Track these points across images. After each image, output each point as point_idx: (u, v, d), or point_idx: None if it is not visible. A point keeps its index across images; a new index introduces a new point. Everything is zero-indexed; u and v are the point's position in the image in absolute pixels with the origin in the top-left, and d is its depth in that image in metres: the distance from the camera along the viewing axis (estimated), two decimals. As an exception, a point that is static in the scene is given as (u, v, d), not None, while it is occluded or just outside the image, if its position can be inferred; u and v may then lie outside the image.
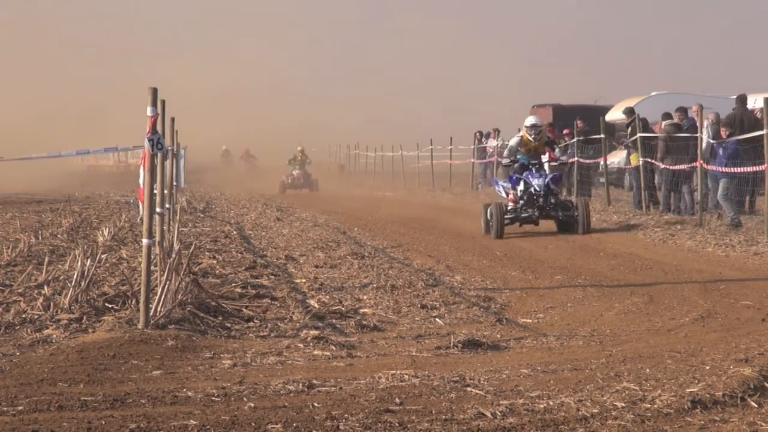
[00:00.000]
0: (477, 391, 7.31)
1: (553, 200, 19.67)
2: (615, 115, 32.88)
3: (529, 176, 19.74)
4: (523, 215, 19.68)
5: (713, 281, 13.14)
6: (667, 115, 23.65)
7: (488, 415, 6.69)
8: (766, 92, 23.13)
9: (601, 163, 27.54)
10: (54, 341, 9.19)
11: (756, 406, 6.95)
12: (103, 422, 6.53)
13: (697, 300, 11.75)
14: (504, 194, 20.35)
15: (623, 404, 6.89)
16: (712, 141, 20.61)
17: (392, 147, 52.01)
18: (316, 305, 11.17)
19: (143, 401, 7.08)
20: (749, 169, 18.81)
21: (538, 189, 19.57)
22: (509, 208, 19.68)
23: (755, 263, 14.87)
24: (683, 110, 23.18)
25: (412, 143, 48.25)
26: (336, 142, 66.02)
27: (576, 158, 28.52)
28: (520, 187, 19.78)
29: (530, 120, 20.43)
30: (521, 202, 19.63)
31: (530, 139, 20.11)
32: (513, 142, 20.50)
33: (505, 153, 20.57)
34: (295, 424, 6.53)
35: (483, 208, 20.28)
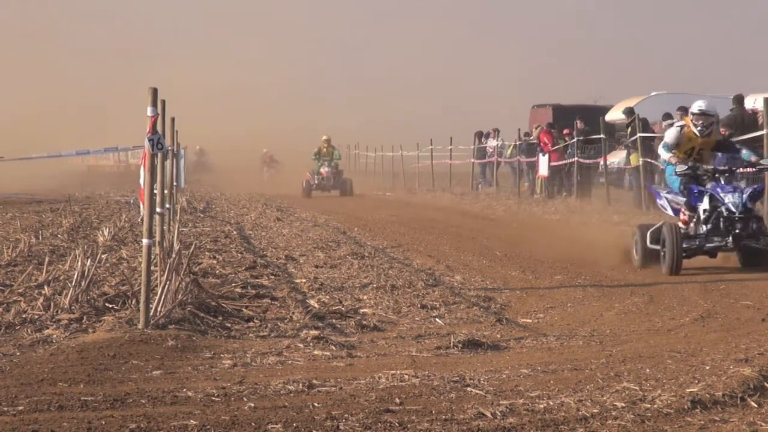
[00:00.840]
0: (477, 391, 7.31)
1: (754, 225, 13.98)
2: (615, 115, 32.89)
3: (718, 189, 14.10)
4: (708, 245, 14.03)
5: (713, 281, 13.14)
6: (667, 116, 23.67)
7: (488, 415, 6.69)
8: (766, 92, 23.12)
9: (601, 163, 27.56)
10: (54, 341, 9.18)
11: (756, 406, 6.95)
12: (103, 422, 6.53)
13: (697, 300, 11.76)
14: (670, 211, 14.81)
15: (623, 404, 6.89)
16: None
17: (392, 147, 52.03)
18: (316, 305, 11.17)
19: (143, 401, 7.08)
20: (749, 169, 18.78)
21: (734, 210, 13.88)
22: (684, 232, 14.17)
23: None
24: (685, 110, 23.19)
25: (412, 143, 48.27)
26: (336, 143, 65.93)
27: (576, 158, 28.54)
28: (704, 204, 14.17)
29: (699, 105, 14.62)
30: (707, 226, 14.01)
31: (695, 132, 14.50)
32: (670, 137, 14.62)
33: (663, 153, 14.60)
34: (295, 424, 6.52)
35: (638, 230, 14.72)
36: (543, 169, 31.76)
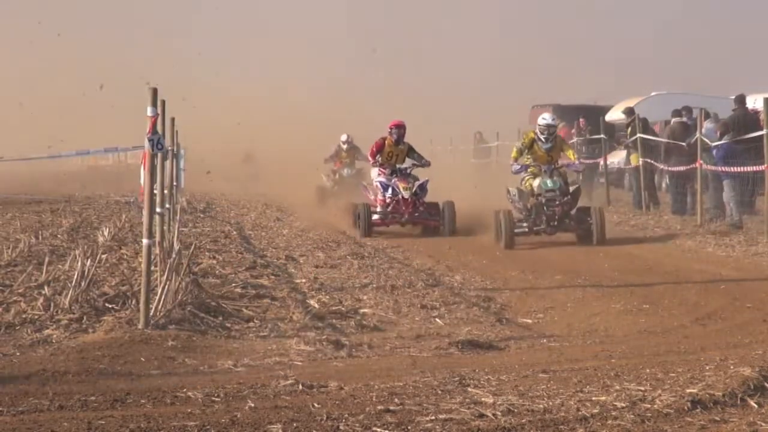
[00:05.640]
0: (477, 391, 7.31)
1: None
2: (615, 115, 32.89)
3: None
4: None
5: (713, 281, 13.12)
6: (677, 112, 23.57)
7: (488, 415, 6.69)
8: (766, 92, 23.10)
9: (601, 162, 27.56)
10: (54, 341, 9.18)
11: (756, 406, 6.95)
12: (103, 422, 6.53)
13: (697, 300, 11.75)
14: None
15: (623, 404, 6.89)
16: (705, 140, 20.62)
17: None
18: (316, 305, 11.18)
19: (143, 401, 7.08)
20: (749, 168, 18.80)
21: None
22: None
23: (755, 263, 14.87)
24: (688, 109, 23.22)
25: (412, 144, 47.97)
26: (335, 144, 65.63)
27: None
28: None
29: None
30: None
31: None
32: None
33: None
34: (295, 424, 6.52)
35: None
36: None
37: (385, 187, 20.29)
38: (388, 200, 20.21)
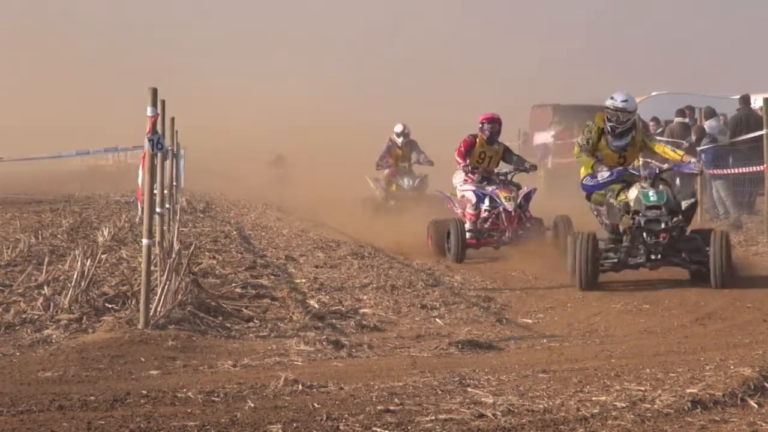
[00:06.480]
0: (477, 391, 7.30)
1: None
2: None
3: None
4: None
5: (713, 282, 13.10)
6: (680, 112, 23.60)
7: (488, 415, 6.68)
8: (766, 92, 23.10)
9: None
10: (54, 341, 9.18)
11: (756, 406, 6.95)
12: (103, 422, 6.53)
13: (697, 301, 11.74)
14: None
15: (623, 404, 6.88)
16: (694, 142, 20.66)
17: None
18: (316, 305, 11.17)
19: (143, 401, 7.08)
20: (748, 169, 18.81)
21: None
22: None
23: (755, 263, 14.86)
24: (692, 109, 23.25)
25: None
26: (335, 144, 65.62)
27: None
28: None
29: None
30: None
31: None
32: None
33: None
34: (295, 424, 6.52)
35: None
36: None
37: (480, 198, 15.87)
38: (485, 214, 15.83)
